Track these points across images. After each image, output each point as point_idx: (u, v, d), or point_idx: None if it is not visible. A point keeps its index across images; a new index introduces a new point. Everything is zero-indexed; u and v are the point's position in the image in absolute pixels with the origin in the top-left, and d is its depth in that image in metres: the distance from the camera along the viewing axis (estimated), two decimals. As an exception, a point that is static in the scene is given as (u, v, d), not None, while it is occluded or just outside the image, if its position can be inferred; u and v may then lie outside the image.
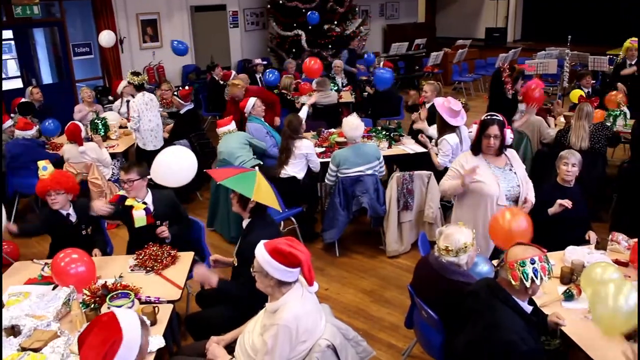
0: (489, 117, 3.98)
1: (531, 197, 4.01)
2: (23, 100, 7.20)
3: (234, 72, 10.21)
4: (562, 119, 6.95)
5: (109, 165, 6.33)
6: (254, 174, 3.63)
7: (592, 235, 4.13)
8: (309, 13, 11.11)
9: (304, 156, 5.53)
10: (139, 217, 4.02)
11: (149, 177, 4.14)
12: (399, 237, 5.45)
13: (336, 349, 2.72)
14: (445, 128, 5.20)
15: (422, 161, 5.77)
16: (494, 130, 3.90)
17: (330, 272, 5.23)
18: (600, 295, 2.66)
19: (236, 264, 3.53)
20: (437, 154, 5.27)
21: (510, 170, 4.03)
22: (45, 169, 4.26)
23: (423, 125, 5.99)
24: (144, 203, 4.05)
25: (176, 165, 4.17)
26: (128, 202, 4.04)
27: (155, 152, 6.76)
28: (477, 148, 4.02)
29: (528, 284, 2.55)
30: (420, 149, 6.07)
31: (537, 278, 2.54)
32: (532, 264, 2.55)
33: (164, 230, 4.00)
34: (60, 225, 4.20)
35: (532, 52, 13.09)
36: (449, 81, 13.91)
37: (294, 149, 5.49)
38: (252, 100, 6.45)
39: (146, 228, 4.02)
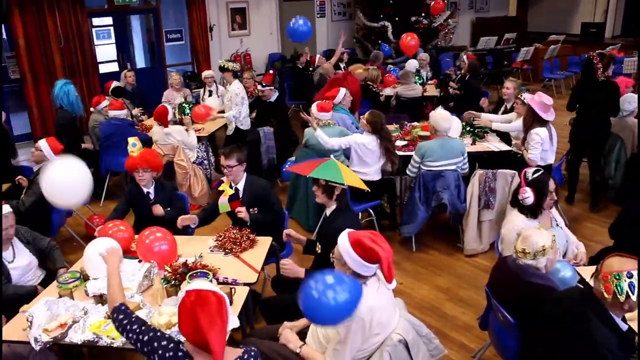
0: (541, 173, 3.76)
1: (582, 249, 3.78)
2: (116, 84, 7.63)
3: (318, 56, 10.28)
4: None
5: (194, 148, 6.54)
6: (333, 162, 3.74)
7: None
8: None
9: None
10: (222, 204, 4.23)
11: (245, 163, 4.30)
12: (478, 236, 5.31)
13: (408, 345, 2.70)
14: (535, 122, 5.03)
15: (506, 160, 5.61)
16: (552, 184, 3.71)
17: (405, 266, 5.17)
18: None
19: (319, 251, 3.57)
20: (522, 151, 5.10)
21: (557, 225, 3.84)
22: (134, 145, 4.51)
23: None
24: (236, 189, 4.25)
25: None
26: (221, 188, 4.27)
27: (245, 132, 6.97)
28: (537, 210, 3.70)
29: (622, 299, 2.34)
30: (505, 147, 5.89)
31: (632, 293, 2.33)
32: (629, 277, 2.33)
33: (241, 211, 4.13)
34: (141, 203, 4.46)
35: (632, 49, 12.31)
36: (538, 78, 13.35)
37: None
38: (343, 91, 6.48)
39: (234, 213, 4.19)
